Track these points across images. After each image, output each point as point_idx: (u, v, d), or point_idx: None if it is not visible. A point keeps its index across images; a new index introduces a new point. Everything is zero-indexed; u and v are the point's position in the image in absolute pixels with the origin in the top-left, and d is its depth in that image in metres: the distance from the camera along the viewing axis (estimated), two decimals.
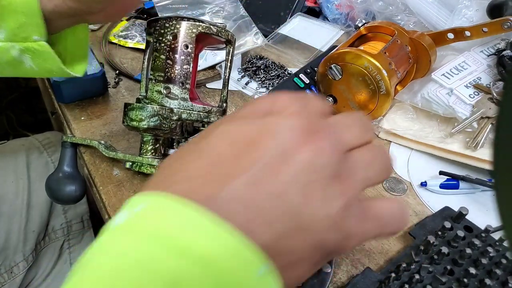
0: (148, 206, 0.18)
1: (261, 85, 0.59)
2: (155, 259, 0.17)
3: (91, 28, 0.70)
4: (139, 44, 0.66)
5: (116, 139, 0.49)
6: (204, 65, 0.62)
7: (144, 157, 0.42)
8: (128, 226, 0.18)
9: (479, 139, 0.44)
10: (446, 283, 0.34)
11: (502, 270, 0.34)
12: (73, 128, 0.50)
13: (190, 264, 0.16)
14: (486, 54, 0.52)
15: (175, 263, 0.16)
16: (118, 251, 0.17)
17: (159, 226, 0.17)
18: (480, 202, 0.44)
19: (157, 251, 0.17)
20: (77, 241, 0.68)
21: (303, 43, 0.65)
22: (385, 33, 0.52)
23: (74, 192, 0.44)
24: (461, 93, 0.48)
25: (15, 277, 0.59)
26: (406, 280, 0.33)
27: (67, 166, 0.45)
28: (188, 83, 0.41)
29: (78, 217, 0.67)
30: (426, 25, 0.58)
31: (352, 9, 0.69)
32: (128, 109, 0.41)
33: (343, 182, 0.20)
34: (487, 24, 0.48)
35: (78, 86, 0.53)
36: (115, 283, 0.16)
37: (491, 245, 0.37)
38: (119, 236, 0.18)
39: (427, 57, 0.52)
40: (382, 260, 0.37)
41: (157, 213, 0.18)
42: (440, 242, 0.37)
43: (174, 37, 0.40)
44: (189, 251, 0.17)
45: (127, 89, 0.58)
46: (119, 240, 0.18)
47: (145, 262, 0.17)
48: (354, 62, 0.46)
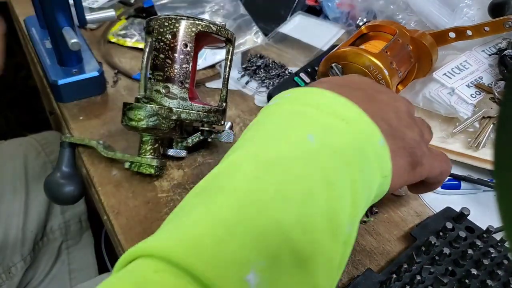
0: (296, 92, 0.28)
1: (261, 84, 0.58)
2: (309, 114, 0.26)
3: (90, 27, 0.70)
4: (138, 43, 0.66)
5: (114, 139, 0.48)
6: (204, 64, 0.62)
7: (143, 157, 0.41)
8: (286, 101, 0.28)
9: (481, 139, 0.44)
10: (447, 284, 0.33)
11: (504, 271, 0.34)
12: (71, 128, 0.50)
13: (338, 120, 0.25)
14: (488, 53, 0.52)
15: (326, 119, 0.25)
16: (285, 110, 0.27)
17: (308, 97, 0.27)
18: (482, 203, 0.44)
19: (313, 110, 0.26)
20: (75, 241, 0.67)
21: (303, 42, 0.65)
22: (386, 32, 0.52)
23: (73, 193, 0.44)
24: (463, 92, 0.48)
25: (13, 277, 0.58)
26: (407, 281, 0.33)
27: (66, 166, 0.44)
28: (187, 83, 0.41)
29: (76, 217, 0.67)
30: (427, 24, 0.58)
31: (353, 8, 0.69)
32: (127, 108, 0.40)
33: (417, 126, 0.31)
34: (488, 23, 0.48)
35: (77, 85, 0.53)
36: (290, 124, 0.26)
37: (492, 246, 0.36)
38: (281, 105, 0.28)
39: (428, 57, 0.51)
40: (383, 261, 0.37)
41: (306, 92, 0.28)
42: (441, 243, 0.37)
43: (173, 36, 0.40)
44: (337, 113, 0.26)
45: (126, 89, 0.57)
46: (283, 105, 0.28)
47: (300, 115, 0.26)
48: (355, 61, 0.46)
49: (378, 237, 0.39)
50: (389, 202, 0.43)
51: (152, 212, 0.40)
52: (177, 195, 0.42)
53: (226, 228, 0.20)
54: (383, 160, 0.26)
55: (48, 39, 0.58)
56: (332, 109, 0.26)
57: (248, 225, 0.20)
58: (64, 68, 0.54)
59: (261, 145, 0.25)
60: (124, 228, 0.39)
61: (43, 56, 0.56)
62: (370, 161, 0.25)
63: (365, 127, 0.26)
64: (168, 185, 0.43)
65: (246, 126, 0.52)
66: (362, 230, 0.40)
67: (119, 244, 0.38)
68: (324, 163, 0.23)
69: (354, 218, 0.24)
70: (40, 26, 0.62)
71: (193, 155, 0.47)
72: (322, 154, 0.24)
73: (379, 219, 0.41)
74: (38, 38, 0.60)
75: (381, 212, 0.42)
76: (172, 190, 0.43)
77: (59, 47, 0.52)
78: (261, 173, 0.23)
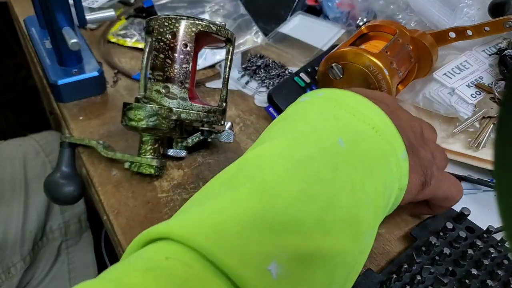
0: (329, 92, 0.29)
1: (261, 84, 0.58)
2: (341, 117, 0.26)
3: (90, 27, 0.70)
4: (138, 43, 0.66)
5: (114, 139, 0.48)
6: (204, 64, 0.61)
7: (143, 157, 0.41)
8: (318, 100, 0.28)
9: (481, 139, 0.44)
10: (447, 284, 0.33)
11: (504, 271, 0.34)
12: (71, 128, 0.50)
13: (369, 128, 0.26)
14: (488, 53, 0.52)
15: (357, 125, 0.26)
16: (312, 110, 0.27)
17: (341, 100, 0.27)
18: (482, 203, 0.44)
19: (345, 114, 0.26)
20: (75, 241, 0.67)
21: (303, 42, 0.65)
22: (386, 32, 0.52)
23: (73, 193, 0.44)
24: (463, 92, 0.48)
25: (13, 277, 0.58)
26: (408, 281, 0.33)
27: (66, 166, 0.44)
28: (187, 83, 0.41)
29: (75, 217, 0.67)
30: (427, 24, 0.58)
31: (353, 7, 0.69)
32: (127, 108, 0.40)
33: (429, 148, 0.32)
34: (489, 23, 0.48)
35: (77, 85, 0.53)
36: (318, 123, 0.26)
37: (493, 246, 0.36)
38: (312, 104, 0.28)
39: (428, 57, 0.51)
40: (383, 261, 0.37)
41: (339, 94, 0.28)
42: (441, 243, 0.37)
43: (173, 36, 0.40)
44: (368, 120, 0.26)
45: (125, 89, 0.57)
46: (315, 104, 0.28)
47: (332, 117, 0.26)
48: (355, 61, 0.46)
49: (378, 237, 0.39)
50: None
51: (152, 212, 0.40)
52: (177, 195, 0.42)
53: (250, 218, 0.20)
54: (403, 174, 0.27)
55: (48, 39, 0.58)
56: (364, 116, 0.26)
57: (271, 218, 0.20)
58: (64, 68, 0.54)
59: (292, 142, 0.25)
60: (124, 228, 0.39)
61: (43, 56, 0.56)
62: (392, 172, 0.26)
63: (392, 138, 0.26)
64: (168, 185, 0.43)
65: (246, 126, 0.52)
66: None
67: (119, 244, 0.38)
68: (351, 169, 0.24)
69: (373, 228, 0.24)
70: (40, 26, 0.62)
71: (193, 155, 0.47)
72: (350, 160, 0.24)
73: None
74: (38, 38, 0.60)
75: None
76: (172, 190, 0.43)
77: (59, 47, 0.52)
78: (290, 170, 0.23)
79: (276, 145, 0.25)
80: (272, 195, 0.21)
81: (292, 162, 0.23)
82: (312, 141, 0.25)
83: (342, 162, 0.24)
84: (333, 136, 0.25)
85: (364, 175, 0.24)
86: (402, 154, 0.27)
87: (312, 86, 0.54)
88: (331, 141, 0.24)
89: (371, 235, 0.24)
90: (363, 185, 0.24)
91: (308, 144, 0.24)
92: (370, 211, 0.24)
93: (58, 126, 0.58)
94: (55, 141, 0.69)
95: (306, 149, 0.24)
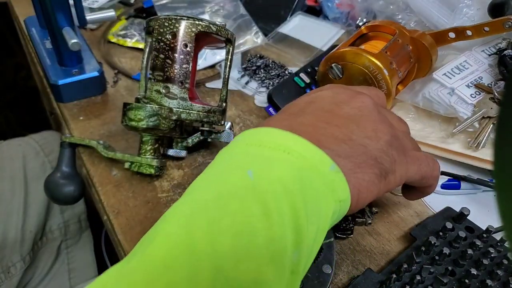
0: (244, 134, 0.28)
1: (261, 84, 0.58)
2: (251, 152, 0.26)
3: (90, 28, 0.70)
4: (138, 43, 0.66)
5: (115, 139, 0.48)
6: (204, 65, 0.62)
7: (143, 157, 0.41)
8: (233, 144, 0.28)
9: (481, 139, 0.44)
10: (447, 284, 0.33)
11: (504, 271, 0.34)
12: (71, 128, 0.50)
13: (279, 152, 0.25)
14: (488, 53, 0.52)
15: (267, 153, 0.26)
16: (242, 152, 0.27)
17: (271, 139, 0.27)
18: (482, 203, 0.44)
19: (255, 148, 0.26)
20: (74, 241, 0.67)
21: (303, 42, 0.65)
22: (386, 32, 0.52)
23: (73, 193, 0.44)
24: (463, 92, 0.48)
25: (12, 277, 0.58)
26: (407, 281, 0.33)
27: (66, 166, 0.44)
28: (187, 83, 0.41)
29: (75, 217, 0.67)
30: (427, 24, 0.58)
31: (353, 8, 0.69)
32: (127, 108, 0.40)
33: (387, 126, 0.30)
34: (488, 24, 0.48)
35: (77, 85, 0.53)
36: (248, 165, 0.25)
37: (492, 246, 0.36)
38: (228, 149, 0.28)
39: (428, 57, 0.51)
40: (383, 261, 0.37)
41: (254, 134, 0.28)
42: (441, 243, 0.37)
43: (173, 36, 0.40)
44: (279, 146, 0.26)
45: (126, 89, 0.57)
46: (230, 150, 0.28)
47: (242, 154, 0.26)
48: (355, 61, 0.46)
49: (378, 237, 0.39)
50: (389, 202, 0.43)
51: (152, 212, 0.40)
52: (177, 195, 0.42)
53: (158, 270, 0.21)
54: (336, 186, 0.26)
55: (48, 39, 0.58)
56: (275, 144, 0.26)
57: (180, 262, 0.21)
58: (64, 68, 0.54)
59: (202, 189, 0.25)
60: (124, 228, 0.39)
61: (43, 56, 0.56)
62: (316, 188, 0.25)
63: (310, 155, 0.25)
64: (168, 185, 0.43)
65: (246, 126, 0.52)
66: (362, 230, 0.40)
67: (119, 244, 0.38)
68: (262, 194, 0.23)
69: (300, 245, 0.23)
70: (40, 26, 0.62)
71: (193, 155, 0.47)
72: (260, 186, 0.23)
73: (379, 219, 0.41)
74: (38, 38, 0.60)
75: (381, 212, 0.42)
76: (172, 190, 0.43)
77: (59, 47, 0.52)
78: (195, 213, 0.23)
79: (186, 198, 0.25)
80: (178, 242, 0.22)
81: (199, 206, 0.23)
82: (221, 182, 0.25)
83: (252, 191, 0.23)
84: (242, 171, 0.24)
85: (277, 196, 0.23)
86: (330, 167, 0.26)
87: (312, 86, 0.54)
88: (240, 176, 0.24)
89: (301, 253, 0.23)
90: (277, 205, 0.23)
91: (217, 186, 0.24)
92: (288, 229, 0.23)
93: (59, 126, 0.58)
94: (54, 141, 0.69)
95: (216, 191, 0.24)
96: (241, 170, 0.25)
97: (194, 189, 0.26)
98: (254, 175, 0.24)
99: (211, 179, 0.26)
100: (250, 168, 0.24)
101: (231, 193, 0.23)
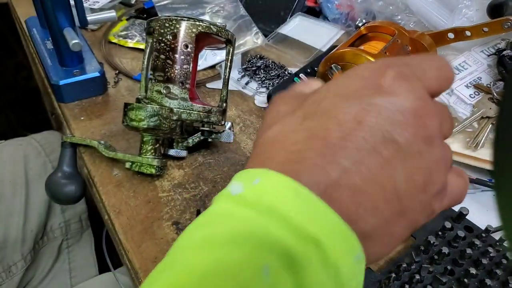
0: (265, 182, 0.19)
1: (261, 85, 0.59)
2: (271, 233, 0.17)
3: (91, 28, 0.70)
4: (139, 44, 0.66)
5: (115, 139, 0.49)
6: (204, 65, 0.62)
7: (144, 157, 0.42)
8: (247, 197, 0.19)
9: (480, 139, 0.44)
10: (446, 283, 0.34)
11: (503, 270, 0.34)
12: (72, 128, 0.50)
13: (302, 243, 0.17)
14: (487, 54, 0.52)
15: (290, 240, 0.17)
16: (237, 218, 0.18)
17: (276, 203, 0.18)
18: (481, 202, 0.44)
19: (273, 225, 0.17)
20: (75, 240, 0.68)
21: (303, 43, 0.65)
22: (385, 33, 0.52)
23: (74, 192, 0.44)
24: (462, 93, 0.48)
25: (13, 276, 0.59)
26: (407, 280, 0.33)
27: (67, 166, 0.45)
28: (188, 83, 0.41)
29: (76, 216, 0.67)
30: (426, 25, 0.58)
31: (352, 9, 0.69)
32: (128, 109, 0.40)
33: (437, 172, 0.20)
34: (487, 24, 0.48)
35: (78, 86, 0.53)
36: (229, 249, 0.17)
37: (491, 245, 0.37)
38: (238, 205, 0.19)
39: None
40: (382, 260, 0.37)
41: (275, 190, 0.18)
42: (440, 242, 0.37)
43: (174, 36, 0.40)
44: (303, 231, 0.17)
45: (126, 89, 0.57)
46: (238, 209, 0.18)
47: (260, 234, 0.17)
48: (355, 62, 0.46)
49: None
50: None
51: (153, 212, 0.40)
52: (177, 194, 0.42)
53: None
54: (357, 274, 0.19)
55: (49, 40, 0.58)
56: (299, 224, 0.17)
57: None
58: (65, 68, 0.54)
59: None
60: (125, 228, 0.39)
61: (44, 56, 0.56)
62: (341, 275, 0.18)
63: (338, 248, 0.17)
64: (169, 184, 0.43)
65: (246, 126, 0.52)
66: None
67: (120, 243, 0.38)
68: None
69: None
70: (41, 27, 0.62)
71: (194, 155, 0.47)
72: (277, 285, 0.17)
73: None
74: (39, 38, 0.60)
75: None
76: (173, 189, 0.43)
77: (60, 47, 0.52)
78: None
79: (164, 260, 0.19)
80: None
81: None
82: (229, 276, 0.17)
83: None
84: (256, 266, 0.17)
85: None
86: (355, 257, 0.18)
87: None
88: (253, 273, 0.17)
89: None
90: None
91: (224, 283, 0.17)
92: None
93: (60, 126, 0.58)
94: (55, 141, 0.70)
95: None
96: (255, 264, 0.17)
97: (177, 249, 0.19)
98: (270, 273, 0.17)
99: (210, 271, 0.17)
100: (267, 262, 0.17)
101: None
